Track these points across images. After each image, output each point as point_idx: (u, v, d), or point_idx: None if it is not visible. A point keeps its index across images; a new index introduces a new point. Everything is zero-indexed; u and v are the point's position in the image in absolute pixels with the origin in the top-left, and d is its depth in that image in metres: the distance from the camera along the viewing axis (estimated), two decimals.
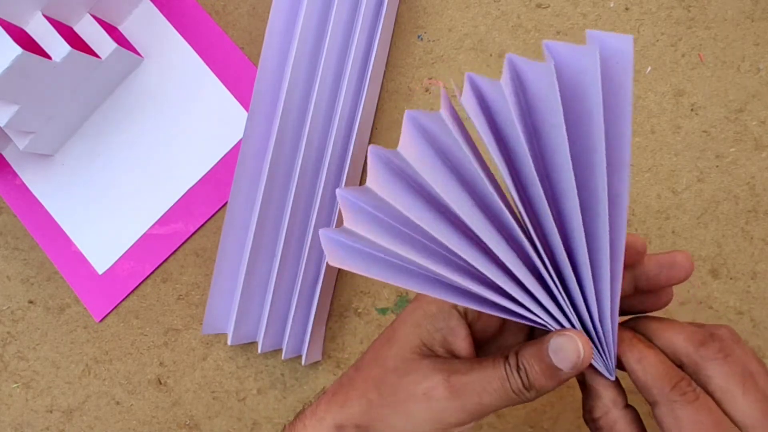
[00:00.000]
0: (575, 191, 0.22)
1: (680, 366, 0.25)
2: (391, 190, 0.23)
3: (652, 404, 0.24)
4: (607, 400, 0.25)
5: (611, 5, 0.39)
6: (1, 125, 0.38)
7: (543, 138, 0.22)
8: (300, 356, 0.42)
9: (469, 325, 0.27)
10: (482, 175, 0.22)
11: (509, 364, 0.25)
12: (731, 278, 0.39)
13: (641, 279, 0.27)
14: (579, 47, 0.21)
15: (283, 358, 0.41)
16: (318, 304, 0.40)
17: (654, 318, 0.26)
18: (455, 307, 0.27)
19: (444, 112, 0.21)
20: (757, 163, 0.38)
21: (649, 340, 0.25)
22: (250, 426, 0.44)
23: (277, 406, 0.44)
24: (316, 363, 0.43)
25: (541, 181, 0.22)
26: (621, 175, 0.22)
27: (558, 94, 0.21)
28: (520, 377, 0.24)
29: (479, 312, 0.27)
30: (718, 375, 0.24)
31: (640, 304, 0.28)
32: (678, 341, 0.25)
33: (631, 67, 0.21)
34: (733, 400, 0.23)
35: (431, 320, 0.27)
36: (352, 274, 0.43)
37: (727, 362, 0.24)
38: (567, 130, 0.21)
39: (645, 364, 0.24)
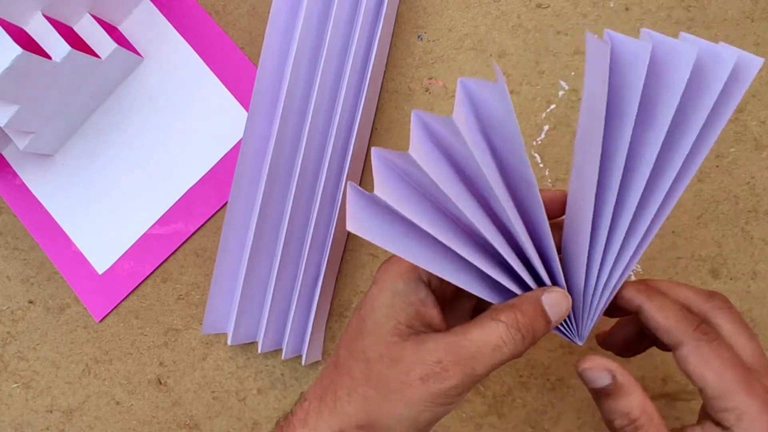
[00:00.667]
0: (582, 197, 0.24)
1: None
2: (398, 196, 0.23)
3: (675, 346, 0.27)
4: (641, 394, 0.26)
5: (611, 5, 0.39)
6: (1, 125, 0.38)
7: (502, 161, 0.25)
8: (300, 356, 0.42)
9: (433, 293, 0.28)
10: (488, 177, 0.23)
11: (503, 321, 0.26)
12: (731, 278, 0.39)
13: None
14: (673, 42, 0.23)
15: (283, 358, 0.41)
16: (318, 304, 0.40)
17: (659, 280, 0.29)
18: (420, 278, 0.27)
19: (457, 116, 0.21)
20: (757, 163, 0.38)
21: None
22: (250, 426, 0.44)
23: (278, 406, 0.44)
24: (316, 363, 0.43)
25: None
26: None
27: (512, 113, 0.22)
28: (520, 330, 0.26)
29: (439, 280, 0.28)
30: (728, 323, 0.27)
31: None
32: (689, 294, 0.28)
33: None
34: (742, 343, 0.26)
35: (402, 297, 0.27)
36: (353, 274, 0.43)
37: (732, 313, 0.27)
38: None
39: (667, 311, 0.27)
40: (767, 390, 0.26)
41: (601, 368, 0.26)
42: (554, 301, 0.27)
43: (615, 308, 0.29)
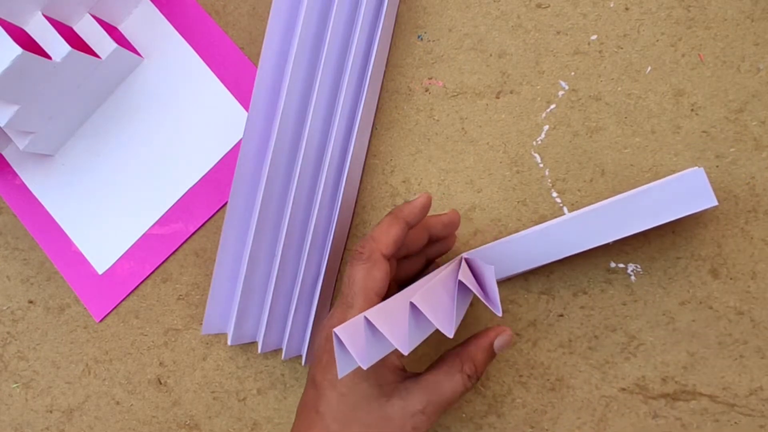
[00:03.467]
0: None
1: None
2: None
3: None
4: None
5: (611, 5, 0.39)
6: (1, 125, 0.38)
7: None
8: (300, 356, 0.42)
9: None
10: None
11: (466, 373, 0.32)
12: (731, 278, 0.39)
13: (433, 234, 0.35)
14: None
15: (283, 358, 0.41)
16: (318, 304, 0.40)
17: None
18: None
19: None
20: (757, 163, 0.38)
21: None
22: (250, 426, 0.44)
23: (278, 407, 0.44)
24: None
25: None
26: None
27: None
28: (477, 376, 0.32)
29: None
30: None
31: (435, 251, 0.38)
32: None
33: None
34: None
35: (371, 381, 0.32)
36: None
37: None
38: None
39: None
40: None
41: None
42: (504, 343, 0.33)
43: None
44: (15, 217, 0.46)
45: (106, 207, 0.45)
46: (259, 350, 0.41)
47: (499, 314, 0.29)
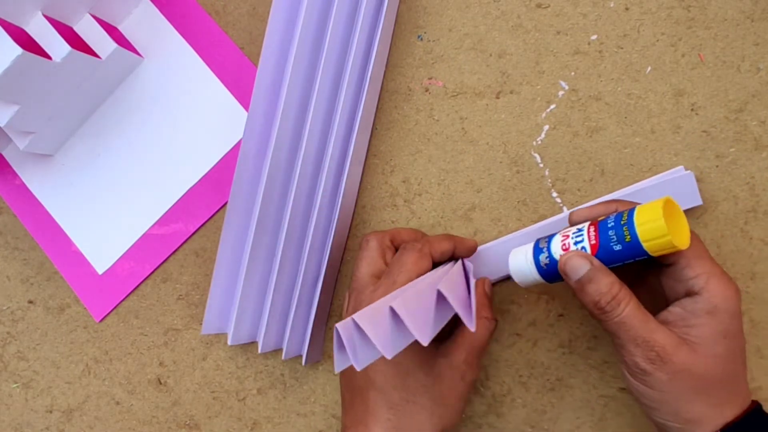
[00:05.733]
0: None
1: None
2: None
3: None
4: (614, 276, 0.31)
5: (611, 5, 0.39)
6: (1, 125, 0.38)
7: None
8: (300, 356, 0.42)
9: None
10: None
11: (486, 317, 0.36)
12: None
13: (455, 254, 0.38)
14: None
15: (283, 358, 0.41)
16: (318, 304, 0.40)
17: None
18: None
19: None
20: (757, 163, 0.38)
21: None
22: (250, 426, 0.44)
23: (277, 406, 0.44)
24: (317, 363, 0.43)
25: None
26: None
27: None
28: (492, 316, 0.37)
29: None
30: None
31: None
32: None
33: None
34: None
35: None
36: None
37: None
38: None
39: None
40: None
41: (580, 257, 0.31)
42: (489, 286, 0.38)
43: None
44: (15, 217, 0.46)
45: (106, 207, 0.45)
46: (259, 350, 0.41)
47: (473, 329, 0.31)
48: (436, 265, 0.37)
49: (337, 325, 0.28)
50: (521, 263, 0.34)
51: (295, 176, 0.38)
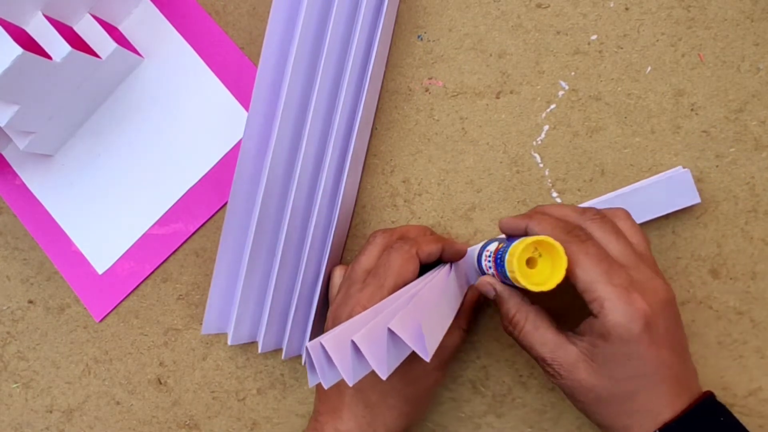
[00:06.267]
0: None
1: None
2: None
3: (525, 230, 0.34)
4: (518, 300, 0.34)
5: (611, 5, 0.39)
6: (1, 125, 0.38)
7: None
8: (300, 356, 0.42)
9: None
10: None
11: (462, 328, 0.37)
12: (731, 278, 0.39)
13: (443, 257, 0.38)
14: None
15: (283, 358, 0.41)
16: (318, 304, 0.40)
17: (547, 205, 0.36)
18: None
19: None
20: (757, 163, 0.38)
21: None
22: (249, 426, 0.44)
23: (277, 406, 0.44)
24: None
25: None
26: None
27: None
28: (468, 328, 0.38)
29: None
30: (598, 229, 0.32)
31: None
32: (566, 212, 0.34)
33: None
34: (611, 244, 0.32)
35: None
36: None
37: (603, 221, 0.33)
38: None
39: (544, 224, 0.33)
40: (631, 281, 0.30)
41: (485, 283, 0.34)
42: (481, 298, 0.39)
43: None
44: (15, 217, 0.46)
45: (106, 207, 0.45)
46: (259, 350, 0.41)
47: (427, 359, 0.29)
48: (424, 267, 0.37)
49: (307, 344, 0.29)
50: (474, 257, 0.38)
51: (295, 176, 0.38)
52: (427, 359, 0.28)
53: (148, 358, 0.45)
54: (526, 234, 0.33)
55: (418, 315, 0.30)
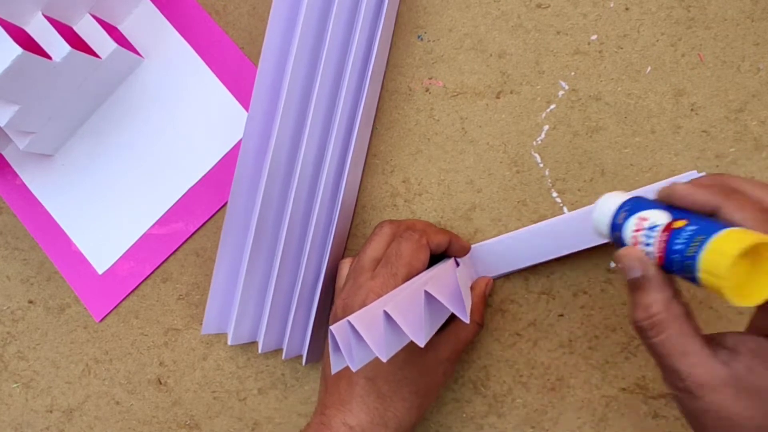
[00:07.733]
0: None
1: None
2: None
3: (715, 210, 0.26)
4: (670, 294, 0.26)
5: (611, 5, 0.39)
6: (1, 125, 0.38)
7: None
8: (300, 356, 0.42)
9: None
10: None
11: (475, 321, 0.38)
12: None
13: (448, 252, 0.39)
14: None
15: (283, 358, 0.41)
16: (318, 304, 0.40)
17: (730, 176, 0.28)
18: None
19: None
20: (757, 163, 0.38)
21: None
22: (250, 426, 0.44)
23: (278, 406, 0.44)
24: (317, 363, 0.43)
25: None
26: None
27: None
28: (482, 321, 0.39)
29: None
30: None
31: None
32: (764, 194, 0.26)
33: None
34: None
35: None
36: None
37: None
38: None
39: (747, 211, 0.25)
40: None
41: (635, 259, 0.27)
42: (490, 289, 0.40)
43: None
44: (15, 217, 0.46)
45: (106, 207, 0.45)
46: (260, 350, 0.41)
47: (467, 321, 0.30)
48: (432, 258, 0.37)
49: (332, 327, 0.29)
50: (603, 214, 0.30)
51: (295, 176, 0.38)
52: (467, 320, 0.29)
53: (148, 358, 0.45)
54: (712, 215, 0.26)
55: (444, 290, 0.30)
